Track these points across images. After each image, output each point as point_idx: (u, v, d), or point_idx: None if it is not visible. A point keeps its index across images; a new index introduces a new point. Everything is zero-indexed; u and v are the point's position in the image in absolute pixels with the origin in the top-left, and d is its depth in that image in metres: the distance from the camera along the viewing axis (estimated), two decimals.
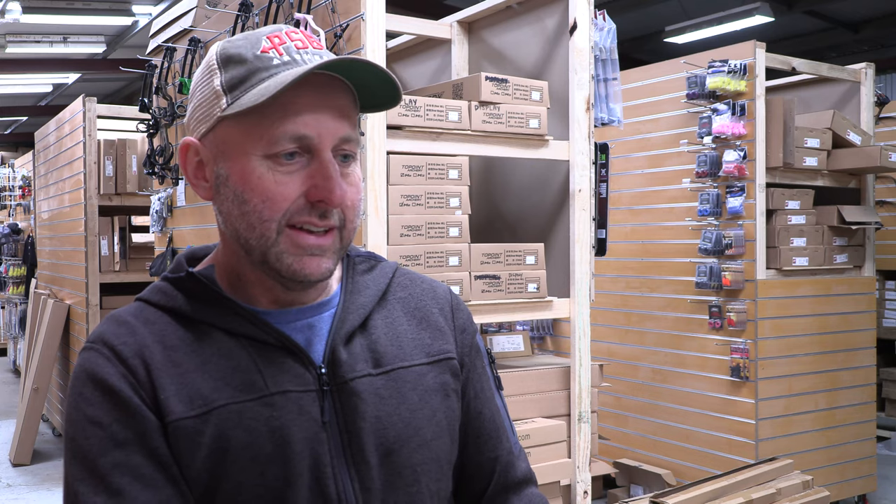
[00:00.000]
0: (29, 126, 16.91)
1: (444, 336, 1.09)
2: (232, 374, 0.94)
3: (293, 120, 0.91)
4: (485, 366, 1.15)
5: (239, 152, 0.94)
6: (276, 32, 0.96)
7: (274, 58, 0.93)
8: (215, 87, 0.95)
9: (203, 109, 0.97)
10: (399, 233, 2.56)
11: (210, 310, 0.97)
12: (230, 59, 0.95)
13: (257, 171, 0.92)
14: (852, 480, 4.43)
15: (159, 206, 4.02)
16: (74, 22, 10.16)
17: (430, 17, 3.51)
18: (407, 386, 1.01)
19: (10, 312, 9.05)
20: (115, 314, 0.99)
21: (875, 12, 10.24)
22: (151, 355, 0.93)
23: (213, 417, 0.91)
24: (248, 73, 0.93)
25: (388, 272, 1.10)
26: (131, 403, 0.91)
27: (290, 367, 0.96)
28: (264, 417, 0.93)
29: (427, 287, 1.12)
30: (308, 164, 0.94)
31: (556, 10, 2.96)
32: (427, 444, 1.01)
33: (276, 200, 0.92)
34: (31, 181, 8.46)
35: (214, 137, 0.96)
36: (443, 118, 2.62)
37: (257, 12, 3.00)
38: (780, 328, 4.12)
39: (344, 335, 1.00)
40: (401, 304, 1.08)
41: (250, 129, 0.93)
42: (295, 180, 0.93)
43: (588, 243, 2.90)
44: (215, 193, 0.97)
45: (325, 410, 0.96)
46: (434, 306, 1.10)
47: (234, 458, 0.91)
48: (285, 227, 0.93)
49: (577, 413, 2.87)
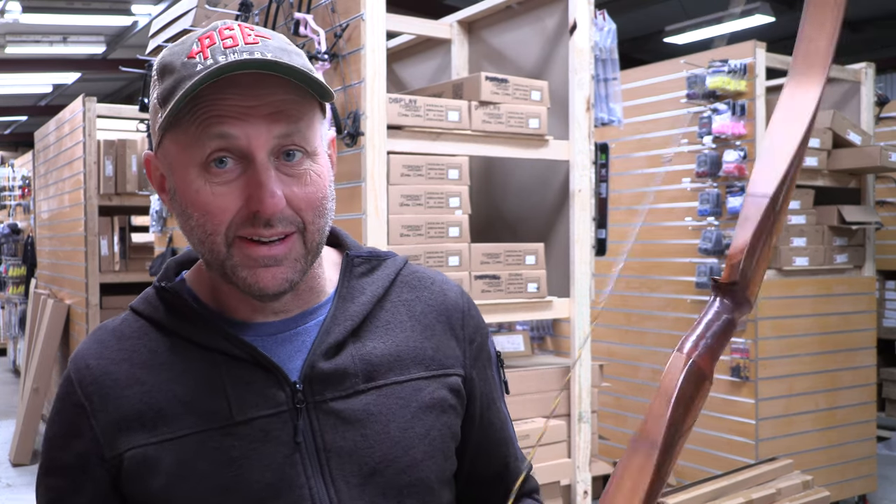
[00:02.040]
0: (29, 126, 16.89)
1: (450, 347, 1.03)
2: (199, 398, 0.91)
3: (216, 121, 0.86)
4: (494, 373, 1.10)
5: (179, 166, 0.89)
6: (208, 32, 0.90)
7: (198, 63, 0.86)
8: (154, 101, 0.92)
9: (152, 124, 0.93)
10: (399, 233, 2.56)
11: (185, 323, 0.95)
12: (164, 69, 0.90)
13: (195, 185, 0.88)
14: (852, 480, 4.43)
15: (159, 206, 4.03)
16: (74, 22, 10.16)
17: (430, 17, 3.50)
18: (400, 402, 0.96)
19: (10, 312, 9.05)
20: (100, 329, 0.99)
21: (875, 12, 10.24)
22: (114, 380, 0.93)
23: (173, 446, 0.90)
24: (175, 82, 0.87)
25: (392, 272, 1.03)
26: (79, 431, 0.93)
27: (261, 388, 0.92)
28: (225, 447, 0.90)
29: (437, 290, 1.05)
30: (243, 172, 0.87)
31: (556, 10, 2.96)
32: (417, 464, 0.96)
33: (215, 214, 0.87)
34: (30, 181, 8.46)
35: (163, 152, 0.92)
36: (443, 118, 2.62)
37: (257, 12, 3.00)
38: (780, 328, 4.12)
39: (326, 348, 0.94)
40: (406, 308, 1.02)
41: (182, 140, 0.88)
42: (233, 191, 0.87)
43: (588, 243, 2.90)
44: (171, 208, 0.95)
45: (299, 430, 0.92)
46: (443, 312, 1.04)
47: (194, 485, 0.90)
48: (235, 238, 0.88)
49: (577, 413, 2.87)
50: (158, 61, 0.92)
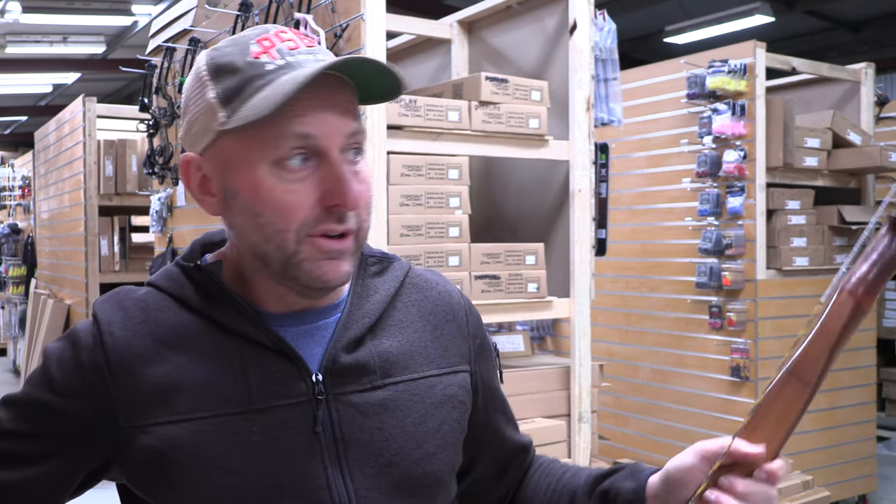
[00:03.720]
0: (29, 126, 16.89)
1: (458, 345, 1.07)
2: (219, 381, 0.92)
3: (295, 121, 0.87)
4: (493, 362, 1.16)
5: (244, 164, 0.89)
6: (264, 35, 0.91)
7: (267, 63, 0.89)
8: (209, 101, 0.90)
9: (200, 124, 0.92)
10: (399, 233, 2.56)
11: (213, 304, 0.95)
12: (221, 68, 0.90)
13: (266, 183, 0.88)
14: (852, 480, 4.43)
15: (159, 206, 4.02)
16: (74, 22, 10.17)
17: (430, 17, 3.51)
18: (414, 398, 0.99)
19: (10, 312, 9.05)
20: (121, 294, 0.97)
21: (875, 12, 10.24)
22: (138, 354, 0.92)
23: (190, 426, 0.90)
24: (243, 82, 0.88)
25: (401, 274, 1.06)
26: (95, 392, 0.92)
27: (282, 376, 0.94)
28: (244, 432, 0.91)
29: (443, 290, 1.09)
30: (318, 168, 0.89)
31: (556, 10, 2.96)
32: (430, 457, 0.99)
33: (290, 211, 0.88)
34: (30, 181, 8.46)
35: (216, 152, 0.92)
36: (443, 118, 2.62)
37: (257, 12, 3.00)
38: (780, 328, 4.12)
39: (347, 343, 0.97)
40: (416, 308, 1.05)
41: (252, 138, 0.88)
42: (307, 187, 0.89)
43: (588, 243, 2.90)
44: (225, 208, 0.94)
45: (319, 420, 0.94)
46: (449, 312, 1.08)
47: (209, 467, 0.90)
48: (305, 237, 0.89)
49: (577, 413, 2.87)
50: (208, 62, 0.92)
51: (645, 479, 1.01)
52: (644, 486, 1.01)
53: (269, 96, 0.86)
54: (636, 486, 1.01)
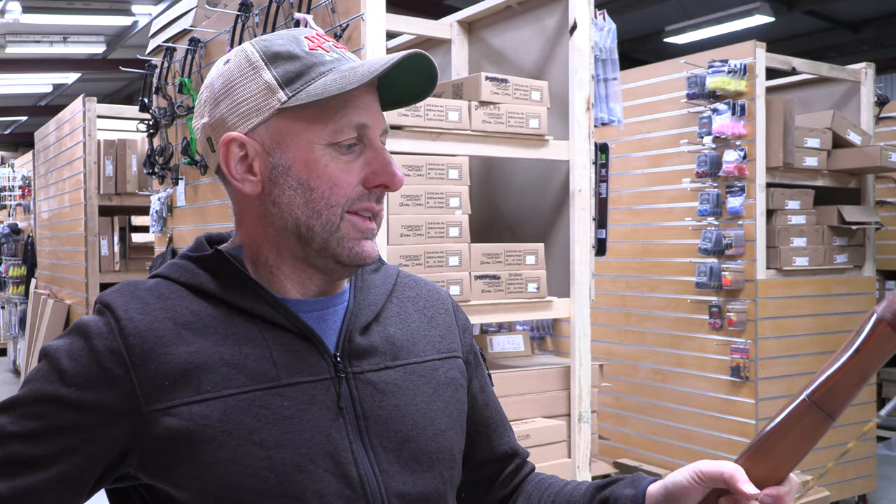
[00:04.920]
0: (29, 126, 16.90)
1: (451, 334, 1.14)
2: (245, 360, 0.95)
3: (356, 110, 0.98)
4: (481, 362, 1.21)
5: (302, 142, 0.97)
6: (309, 34, 1.01)
7: (324, 54, 0.99)
8: (267, 81, 0.97)
9: (251, 103, 0.98)
10: (399, 233, 2.56)
11: (233, 289, 0.99)
12: (277, 55, 0.98)
13: (323, 160, 0.97)
14: (852, 480, 4.43)
15: (159, 206, 4.03)
16: (74, 22, 10.16)
17: (430, 17, 3.51)
18: (422, 380, 1.06)
19: (10, 312, 9.05)
20: (131, 286, 0.98)
21: (875, 12, 10.24)
22: (159, 336, 0.93)
23: (219, 403, 0.92)
24: (305, 67, 0.97)
25: (393, 273, 1.14)
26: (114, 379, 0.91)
27: (305, 356, 0.98)
28: (275, 406, 0.94)
29: (431, 289, 1.18)
30: (362, 152, 0.99)
31: (556, 10, 2.96)
32: (442, 433, 1.05)
33: (342, 186, 0.97)
34: (31, 181, 8.46)
35: (269, 130, 0.98)
36: (443, 118, 2.62)
37: (257, 12, 3.00)
38: (780, 328, 4.12)
39: (360, 326, 1.04)
40: (411, 303, 1.13)
41: (313, 119, 0.97)
42: (355, 168, 0.99)
43: (588, 243, 2.90)
44: (271, 185, 0.99)
45: (342, 397, 0.99)
46: (440, 306, 1.16)
47: (240, 441, 0.91)
48: (346, 212, 0.98)
49: (577, 413, 2.87)
50: (261, 49, 1.00)
51: (644, 488, 1.03)
52: (643, 494, 1.03)
53: (338, 80, 0.95)
54: (635, 493, 1.03)
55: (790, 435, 0.85)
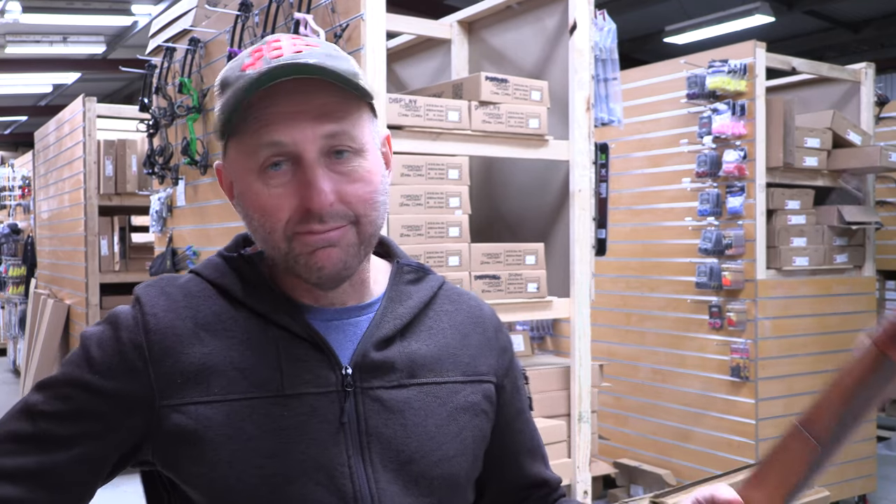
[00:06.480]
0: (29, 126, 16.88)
1: (485, 356, 1.09)
2: (254, 366, 0.96)
3: (266, 130, 0.92)
4: (522, 385, 1.17)
5: (241, 172, 0.96)
6: (260, 45, 0.96)
7: (249, 74, 0.92)
8: (217, 113, 0.98)
9: (217, 135, 1.00)
10: (399, 233, 2.56)
11: (254, 294, 1.00)
12: (223, 83, 0.97)
13: (254, 188, 0.95)
14: (852, 480, 4.43)
15: (159, 206, 4.03)
16: (74, 22, 10.15)
17: (430, 17, 3.51)
18: (437, 401, 1.03)
19: (10, 312, 9.05)
20: (165, 280, 1.02)
21: (875, 12, 10.24)
22: (178, 335, 0.96)
23: (223, 407, 0.94)
24: (233, 93, 0.93)
25: (436, 285, 1.11)
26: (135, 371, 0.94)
27: (313, 367, 0.97)
28: (275, 415, 0.95)
29: (474, 305, 1.14)
30: (296, 173, 0.93)
31: (556, 10, 2.96)
32: (448, 459, 1.01)
33: (273, 213, 0.94)
34: (30, 181, 8.46)
35: (228, 160, 1.00)
36: (443, 118, 2.62)
37: (257, 12, 3.00)
38: (780, 328, 4.12)
39: (377, 341, 1.01)
40: (447, 317, 1.09)
41: (240, 148, 0.95)
42: (288, 191, 0.93)
43: (588, 243, 2.90)
44: (238, 210, 1.01)
45: (345, 411, 0.97)
46: (479, 324, 1.11)
47: (239, 447, 0.93)
48: (293, 234, 0.94)
49: (577, 413, 2.87)
50: (219, 78, 0.99)
51: None
52: None
53: (229, 109, 0.93)
54: None
55: (781, 461, 0.85)
